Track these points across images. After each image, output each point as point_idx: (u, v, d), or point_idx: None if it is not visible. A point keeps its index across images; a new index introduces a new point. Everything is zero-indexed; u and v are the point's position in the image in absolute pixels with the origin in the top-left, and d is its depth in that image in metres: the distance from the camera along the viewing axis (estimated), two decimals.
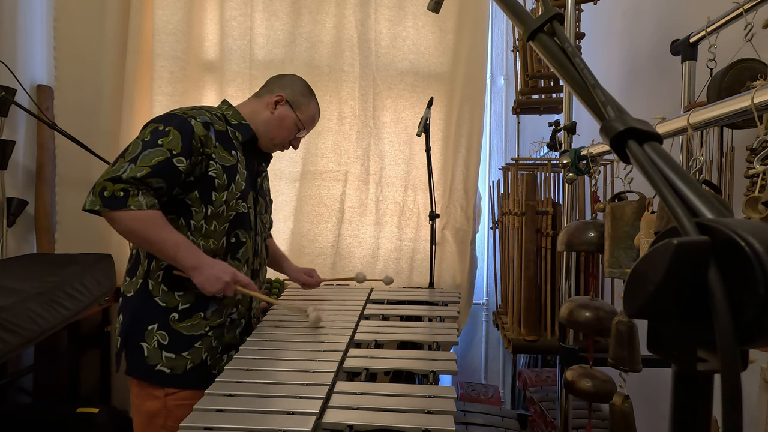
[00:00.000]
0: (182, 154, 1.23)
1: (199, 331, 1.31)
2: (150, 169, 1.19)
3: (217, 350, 1.34)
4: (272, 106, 1.45)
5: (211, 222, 1.31)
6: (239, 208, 1.37)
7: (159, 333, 1.28)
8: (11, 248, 2.30)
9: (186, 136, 1.25)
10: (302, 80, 1.54)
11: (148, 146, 1.21)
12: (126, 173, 1.17)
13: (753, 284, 0.27)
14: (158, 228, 1.20)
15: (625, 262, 1.09)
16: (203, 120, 1.31)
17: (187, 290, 1.29)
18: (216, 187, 1.31)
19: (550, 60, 0.48)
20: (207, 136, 1.30)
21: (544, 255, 2.00)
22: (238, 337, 1.40)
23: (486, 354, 3.30)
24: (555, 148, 1.68)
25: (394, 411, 0.90)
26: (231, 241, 1.36)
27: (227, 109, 1.45)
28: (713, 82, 1.08)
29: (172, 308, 1.29)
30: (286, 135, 1.48)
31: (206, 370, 1.31)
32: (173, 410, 1.25)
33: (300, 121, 1.48)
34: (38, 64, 2.47)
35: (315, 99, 1.54)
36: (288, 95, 1.47)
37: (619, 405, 1.13)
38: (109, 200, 1.16)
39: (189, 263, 1.22)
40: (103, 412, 2.05)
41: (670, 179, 0.34)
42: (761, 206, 0.73)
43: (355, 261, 2.54)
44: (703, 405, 0.31)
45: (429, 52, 2.54)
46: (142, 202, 1.18)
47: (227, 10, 2.49)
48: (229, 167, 1.34)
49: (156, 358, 1.27)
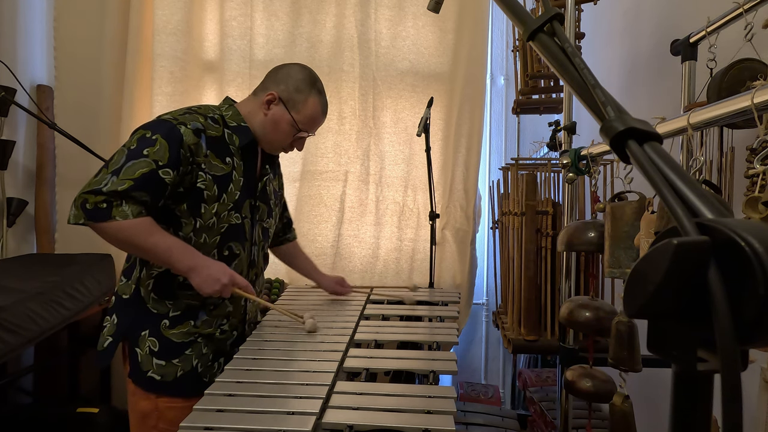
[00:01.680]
0: (168, 165, 1.16)
1: (189, 338, 1.27)
2: (132, 182, 1.12)
3: (208, 358, 1.30)
4: (265, 107, 1.32)
5: (201, 235, 1.25)
6: (232, 219, 1.29)
7: (150, 339, 1.25)
8: (11, 248, 2.30)
9: (174, 146, 1.17)
10: (302, 71, 1.35)
11: (132, 156, 1.14)
12: (107, 186, 1.11)
13: (753, 284, 0.27)
14: (147, 235, 1.14)
15: (625, 262, 1.09)
16: (194, 126, 1.22)
17: (177, 299, 1.26)
18: (205, 199, 1.24)
19: (550, 60, 0.48)
20: (198, 144, 1.21)
21: (544, 255, 2.00)
22: (229, 348, 1.35)
23: (486, 354, 3.30)
24: (555, 148, 1.68)
25: (394, 411, 0.90)
26: (224, 254, 1.30)
27: (227, 110, 1.34)
28: (713, 82, 1.08)
29: (163, 315, 1.26)
30: (283, 138, 1.35)
31: (197, 377, 1.28)
32: (164, 412, 1.23)
33: (296, 122, 1.33)
34: (38, 64, 2.47)
35: (316, 93, 1.34)
36: (282, 92, 1.32)
37: (619, 405, 1.13)
38: (92, 212, 1.11)
39: (185, 265, 1.17)
40: (103, 412, 2.05)
41: (670, 179, 0.34)
42: (761, 206, 0.73)
43: (355, 261, 2.54)
44: (703, 405, 0.31)
45: (429, 52, 2.55)
46: (127, 212, 1.12)
47: (227, 10, 2.50)
48: (221, 177, 1.26)
49: (148, 364, 1.24)
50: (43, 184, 2.44)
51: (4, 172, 2.23)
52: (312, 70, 1.38)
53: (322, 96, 1.37)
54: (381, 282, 2.52)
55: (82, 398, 2.37)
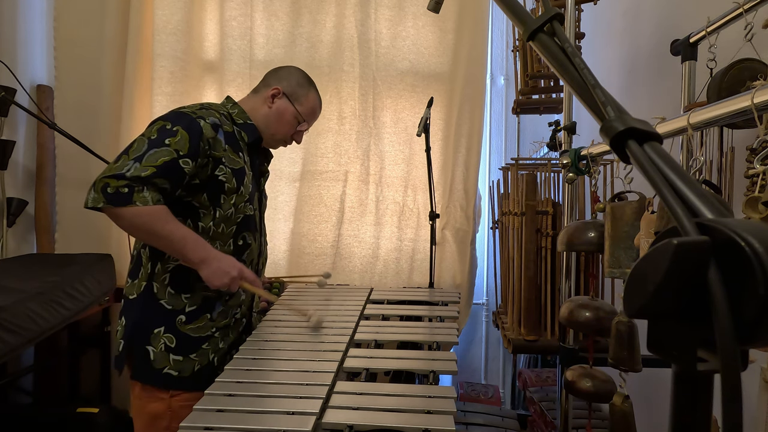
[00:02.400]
0: (189, 156, 1.20)
1: (207, 333, 1.31)
2: (155, 170, 1.15)
3: (223, 351, 1.35)
4: (270, 101, 1.41)
5: (220, 225, 1.31)
6: (247, 210, 1.36)
7: (166, 336, 1.27)
8: (11, 248, 2.30)
9: (194, 137, 1.22)
10: (300, 71, 1.48)
11: (154, 145, 1.18)
12: (130, 171, 1.14)
13: (753, 284, 0.27)
14: (164, 222, 1.17)
15: (625, 262, 1.09)
16: (212, 122, 1.28)
17: (194, 292, 1.29)
18: (226, 191, 1.30)
19: (550, 60, 0.48)
20: (215, 139, 1.27)
21: (544, 255, 2.00)
22: (240, 336, 1.40)
23: (486, 354, 3.30)
24: (555, 148, 1.68)
25: (394, 411, 0.90)
26: (238, 243, 1.36)
27: (233, 107, 1.41)
28: (713, 82, 1.08)
29: (179, 310, 1.28)
30: (286, 129, 1.45)
31: (213, 370, 1.29)
32: (178, 411, 1.24)
33: (299, 113, 1.44)
34: (38, 64, 2.47)
35: (315, 89, 1.48)
36: (285, 87, 1.42)
37: (619, 405, 1.13)
38: (113, 197, 1.12)
39: (197, 256, 1.20)
40: (103, 412, 2.05)
41: (670, 179, 0.34)
42: (761, 206, 0.73)
43: (355, 261, 2.54)
44: (703, 405, 0.31)
45: (429, 52, 2.54)
46: (148, 198, 1.14)
47: (227, 10, 2.50)
48: (238, 170, 1.32)
49: (163, 361, 1.26)
50: (43, 184, 2.44)
51: (4, 172, 2.23)
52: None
53: (317, 93, 1.51)
54: (381, 282, 2.52)
55: (82, 398, 2.38)
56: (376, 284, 2.48)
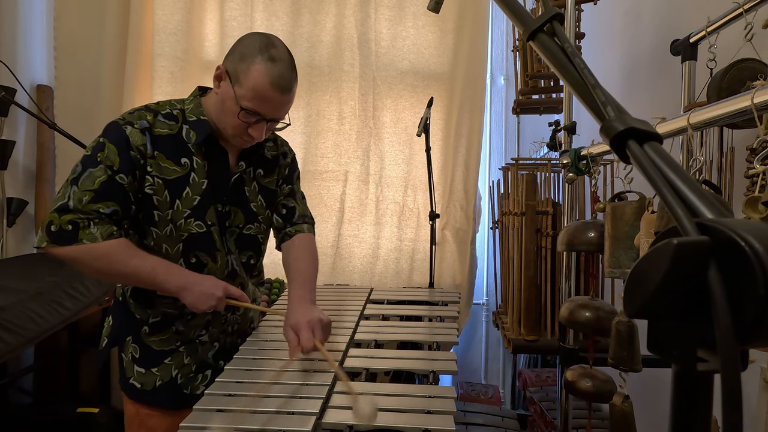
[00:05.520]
0: (122, 170, 1.04)
1: (170, 346, 1.20)
2: (93, 194, 1.01)
3: (189, 369, 1.21)
4: (216, 85, 1.13)
5: (161, 245, 1.13)
6: (192, 228, 1.13)
7: (133, 345, 1.19)
8: (11, 248, 2.30)
9: (122, 149, 1.05)
10: (254, 38, 1.10)
11: (89, 164, 1.03)
12: (71, 200, 1.01)
13: (753, 284, 0.27)
14: (126, 258, 1.03)
15: (625, 262, 1.09)
16: (141, 126, 1.08)
17: (154, 307, 1.18)
18: (156, 206, 1.10)
19: (550, 60, 0.48)
20: (144, 146, 1.07)
21: (544, 255, 2.00)
22: (211, 360, 1.25)
23: (486, 354, 3.30)
24: (555, 148, 1.68)
25: (394, 411, 0.90)
26: (191, 261, 1.16)
27: (189, 102, 1.18)
28: (713, 82, 1.08)
29: (144, 321, 1.19)
30: (230, 120, 1.10)
31: (177, 389, 1.20)
32: (145, 419, 1.20)
33: (237, 97, 1.06)
34: (38, 64, 2.47)
35: (264, 60, 1.05)
36: (228, 65, 1.10)
37: (619, 405, 1.13)
38: (56, 236, 0.99)
39: (173, 285, 1.06)
40: (103, 412, 2.05)
41: (670, 179, 0.34)
42: (761, 206, 0.73)
43: (355, 261, 2.54)
44: (703, 405, 0.31)
45: (429, 52, 2.55)
46: (96, 234, 1.00)
47: (227, 10, 2.50)
48: (172, 181, 1.10)
49: (130, 370, 1.19)
50: (43, 184, 2.44)
51: (4, 172, 2.23)
52: (276, 37, 1.13)
53: (276, 64, 1.06)
54: (381, 282, 2.52)
55: (82, 398, 2.37)
56: (376, 284, 2.48)
